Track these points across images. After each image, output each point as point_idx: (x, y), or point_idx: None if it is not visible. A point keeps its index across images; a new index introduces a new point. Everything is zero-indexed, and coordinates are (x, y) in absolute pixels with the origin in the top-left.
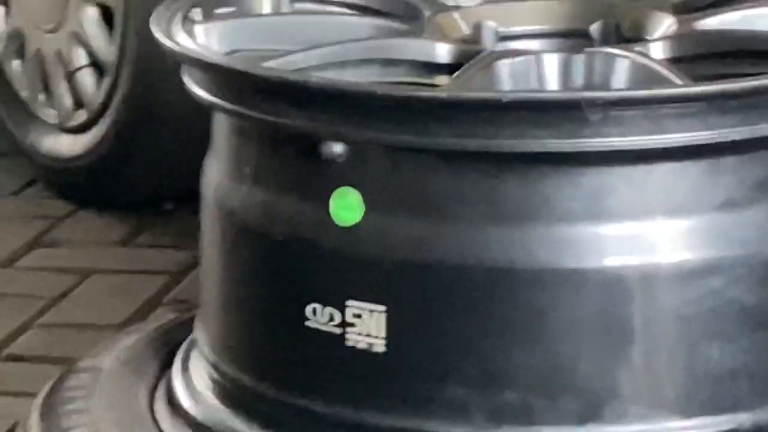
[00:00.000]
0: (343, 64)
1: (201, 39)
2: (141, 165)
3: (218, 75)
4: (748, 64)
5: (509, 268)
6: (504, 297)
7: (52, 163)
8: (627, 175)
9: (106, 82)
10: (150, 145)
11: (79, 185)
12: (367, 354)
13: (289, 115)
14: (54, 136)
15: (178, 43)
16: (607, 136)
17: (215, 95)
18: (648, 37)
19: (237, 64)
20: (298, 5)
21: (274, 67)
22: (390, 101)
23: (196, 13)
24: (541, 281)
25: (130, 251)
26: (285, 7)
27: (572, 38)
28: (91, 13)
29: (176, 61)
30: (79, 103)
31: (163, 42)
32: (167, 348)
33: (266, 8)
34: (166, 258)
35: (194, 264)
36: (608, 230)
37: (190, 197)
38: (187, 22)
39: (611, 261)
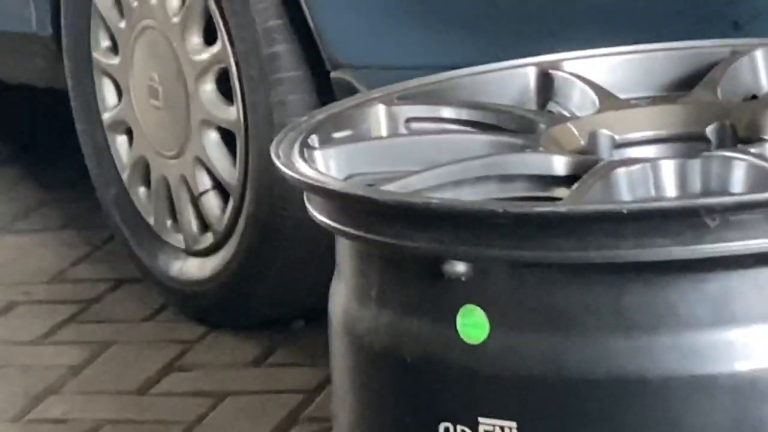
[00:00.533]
0: (460, 183)
1: (319, 164)
2: (269, 285)
3: (337, 201)
4: None
5: (639, 378)
6: (635, 408)
7: (182, 287)
8: (750, 278)
9: (231, 204)
10: (277, 265)
11: (209, 308)
12: None
13: (410, 238)
14: (182, 260)
15: (297, 171)
16: (728, 241)
17: (336, 221)
18: (765, 137)
19: (356, 189)
20: (414, 125)
21: (392, 190)
22: (510, 218)
23: (314, 139)
24: (672, 389)
25: (262, 371)
26: (401, 128)
27: (689, 142)
28: (213, 137)
29: (297, 188)
30: (205, 227)
31: (283, 170)
32: None
33: (383, 130)
34: (299, 376)
35: (327, 381)
36: (736, 335)
37: (319, 315)
38: (306, 148)
39: (741, 365)
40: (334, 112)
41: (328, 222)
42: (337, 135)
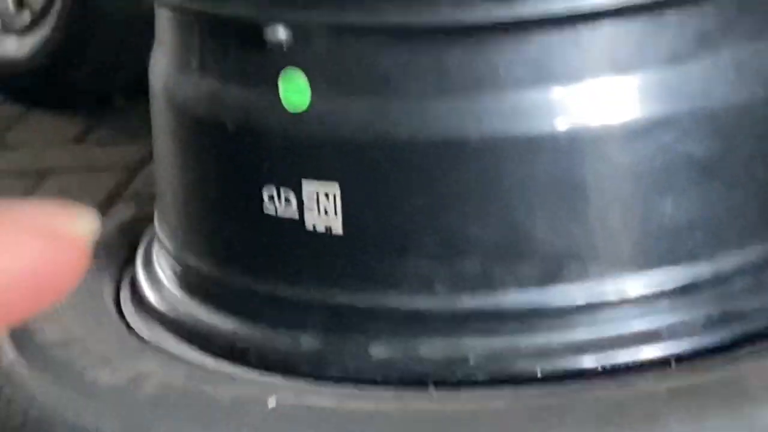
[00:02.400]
0: None
1: None
2: (88, 62)
3: None
4: None
5: (460, 138)
6: (457, 168)
7: (1, 67)
8: (571, 36)
9: None
10: (96, 42)
11: (29, 87)
12: (325, 236)
13: (228, 2)
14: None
15: None
16: (549, 0)
17: None
18: None
19: None
20: None
21: None
22: None
23: None
24: (493, 149)
25: (84, 149)
26: None
27: None
28: None
29: None
30: (21, 4)
31: None
32: (129, 243)
33: None
34: (121, 153)
35: (149, 157)
36: (556, 93)
37: (140, 91)
38: None
39: (561, 124)
40: None
41: None
42: None
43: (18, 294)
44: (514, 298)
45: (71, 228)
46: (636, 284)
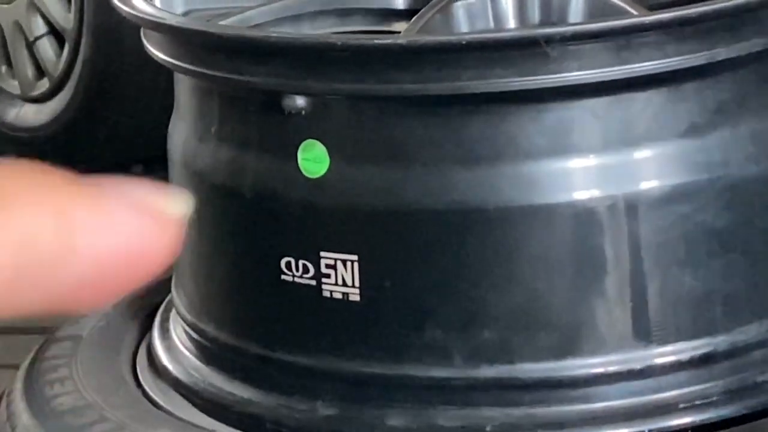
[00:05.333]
0: (298, 18)
1: (157, 1)
2: (107, 130)
3: (175, 36)
4: None
5: (478, 208)
6: (475, 238)
7: (18, 134)
8: (590, 108)
9: (67, 49)
10: (114, 110)
11: (46, 154)
12: (343, 303)
13: (248, 72)
14: (19, 107)
15: (134, 7)
16: (568, 71)
17: (174, 56)
18: None
19: (194, 24)
20: None
21: (230, 24)
22: (349, 51)
23: None
24: (511, 219)
25: None
26: None
27: None
28: None
29: (134, 24)
30: (41, 72)
31: (119, 6)
32: (146, 310)
33: None
34: None
35: None
36: (575, 164)
37: (158, 160)
38: None
39: (580, 194)
40: None
41: (167, 58)
42: None
43: (116, 269)
44: (531, 368)
45: (168, 207)
46: (653, 355)
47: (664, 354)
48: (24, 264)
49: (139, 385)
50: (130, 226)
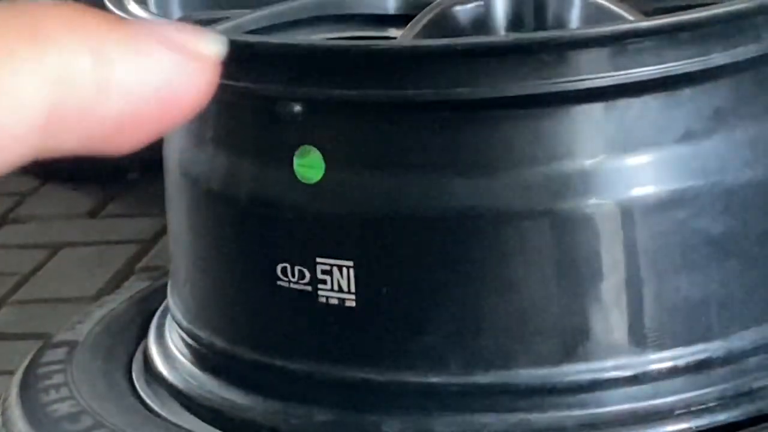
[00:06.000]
0: (295, 24)
1: (152, 5)
2: None
3: None
4: None
5: (475, 214)
6: (471, 244)
7: None
8: (585, 114)
9: None
10: None
11: (41, 160)
12: (339, 309)
13: (243, 78)
14: None
15: (129, 12)
16: (563, 77)
17: None
18: None
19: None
20: None
21: (225, 30)
22: (344, 57)
23: None
24: (507, 225)
25: (98, 223)
26: None
27: None
28: None
29: None
30: None
31: (113, 10)
32: (142, 317)
33: None
34: (135, 227)
35: (163, 231)
36: (571, 170)
37: (155, 166)
38: None
39: (575, 200)
40: None
41: None
42: None
43: (151, 108)
44: (527, 374)
45: (203, 46)
46: (649, 361)
47: (660, 360)
48: (61, 102)
49: (134, 391)
50: (166, 65)
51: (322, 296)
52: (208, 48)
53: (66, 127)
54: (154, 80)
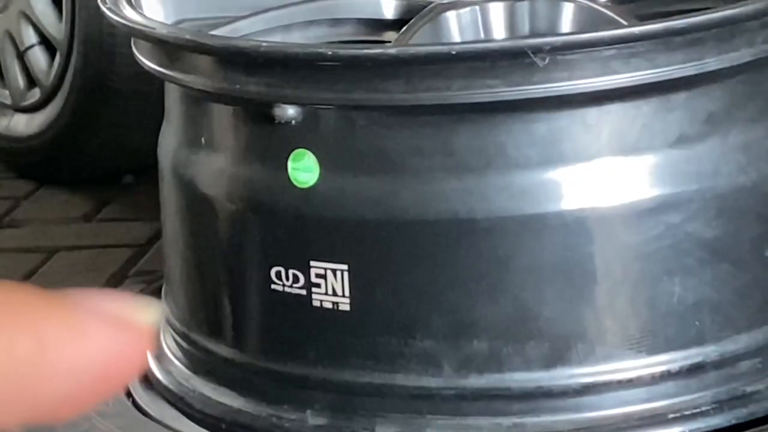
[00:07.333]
0: (289, 27)
1: (147, 10)
2: (98, 140)
3: (166, 46)
4: (688, 1)
5: (468, 218)
6: (465, 247)
7: (9, 144)
8: (579, 118)
9: (58, 59)
10: (105, 120)
11: (37, 164)
12: (333, 313)
13: (239, 82)
14: (9, 117)
15: (125, 16)
16: (556, 81)
17: (164, 66)
18: None
19: (184, 34)
20: None
21: (220, 35)
22: (339, 61)
23: None
24: (501, 229)
25: (93, 227)
26: None
27: None
28: None
29: (126, 33)
30: (32, 82)
31: (109, 16)
32: None
33: None
34: (130, 231)
35: (157, 235)
36: (564, 174)
37: (149, 170)
38: None
39: (569, 204)
40: None
41: (157, 68)
42: None
43: (93, 381)
44: (521, 378)
45: (139, 318)
46: (643, 365)
47: (654, 364)
48: (2, 383)
49: (129, 394)
50: (103, 340)
51: (317, 300)
52: (144, 317)
53: (8, 403)
54: (93, 357)
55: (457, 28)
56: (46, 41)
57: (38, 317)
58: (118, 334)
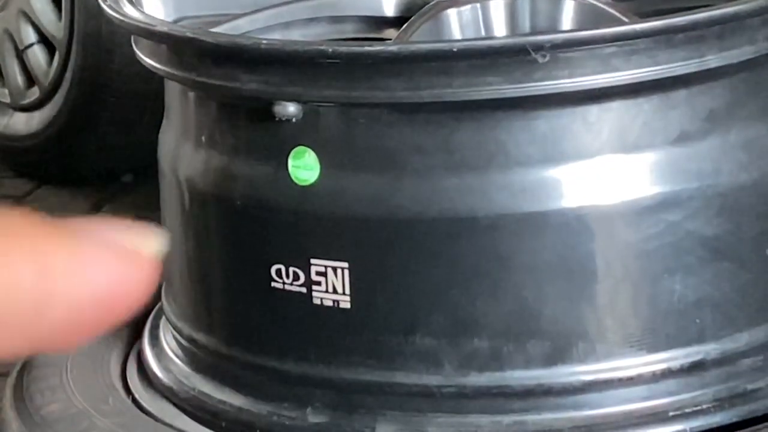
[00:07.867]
0: (289, 24)
1: (147, 7)
2: (97, 139)
3: (167, 43)
4: None
5: (468, 215)
6: (466, 245)
7: (9, 143)
8: (580, 115)
9: (57, 58)
10: (104, 119)
11: (37, 163)
12: (334, 311)
13: (240, 79)
14: (8, 116)
15: (125, 14)
16: (557, 78)
17: (165, 64)
18: None
19: (185, 31)
20: None
21: (221, 32)
22: (340, 58)
23: None
24: (502, 227)
25: None
26: None
27: None
28: None
29: (125, 31)
30: (31, 81)
31: (109, 13)
32: (136, 318)
33: None
34: None
35: None
36: (565, 171)
37: (148, 168)
38: None
39: (570, 202)
40: None
41: (157, 66)
42: None
43: (96, 310)
44: (521, 376)
45: (142, 246)
46: (643, 363)
47: (655, 362)
48: (5, 311)
49: (129, 392)
50: (106, 268)
51: (317, 298)
52: (147, 246)
53: (11, 331)
54: (95, 285)
55: (457, 25)
56: (45, 40)
57: (40, 244)
58: (121, 262)
